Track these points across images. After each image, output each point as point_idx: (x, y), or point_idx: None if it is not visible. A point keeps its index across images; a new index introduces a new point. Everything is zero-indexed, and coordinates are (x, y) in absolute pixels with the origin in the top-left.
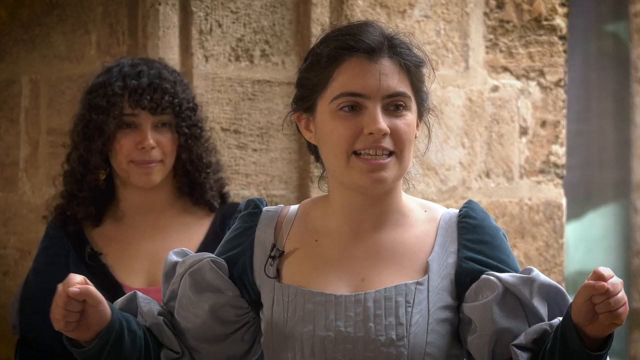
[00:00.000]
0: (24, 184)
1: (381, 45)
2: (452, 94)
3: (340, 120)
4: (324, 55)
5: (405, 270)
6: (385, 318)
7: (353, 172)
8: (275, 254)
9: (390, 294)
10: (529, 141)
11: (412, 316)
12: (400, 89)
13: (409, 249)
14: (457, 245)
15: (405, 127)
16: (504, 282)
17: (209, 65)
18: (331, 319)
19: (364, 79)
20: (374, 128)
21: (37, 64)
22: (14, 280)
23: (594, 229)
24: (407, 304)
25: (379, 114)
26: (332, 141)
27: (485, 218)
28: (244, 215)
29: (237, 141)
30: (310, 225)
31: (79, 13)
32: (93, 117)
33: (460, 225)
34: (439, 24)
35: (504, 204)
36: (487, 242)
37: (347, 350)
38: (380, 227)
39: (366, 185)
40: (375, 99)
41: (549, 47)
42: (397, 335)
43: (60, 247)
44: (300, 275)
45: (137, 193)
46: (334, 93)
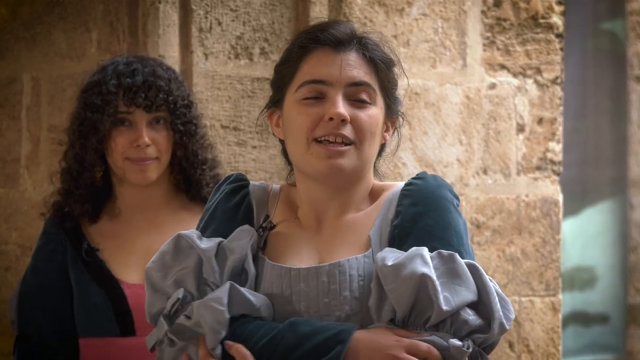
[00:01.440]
0: (25, 180)
1: (349, 40)
2: (449, 92)
3: (303, 107)
4: (294, 50)
5: (352, 246)
6: (340, 293)
7: (312, 159)
8: (267, 225)
9: (344, 267)
10: (526, 138)
11: (365, 289)
12: (364, 79)
13: (356, 225)
14: (394, 214)
15: (366, 118)
16: (376, 265)
17: (208, 63)
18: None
19: (327, 67)
20: (333, 112)
21: (39, 62)
22: (15, 276)
23: (590, 226)
24: (360, 277)
25: (339, 100)
26: (294, 129)
27: (433, 185)
28: (234, 187)
29: (237, 138)
30: (292, 205)
31: (80, 11)
32: (88, 115)
33: (401, 194)
34: (436, 22)
35: (501, 201)
36: (419, 203)
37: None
38: (343, 214)
39: (324, 172)
40: (337, 86)
41: (546, 45)
42: (352, 309)
43: (57, 244)
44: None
45: (134, 190)
46: (298, 82)
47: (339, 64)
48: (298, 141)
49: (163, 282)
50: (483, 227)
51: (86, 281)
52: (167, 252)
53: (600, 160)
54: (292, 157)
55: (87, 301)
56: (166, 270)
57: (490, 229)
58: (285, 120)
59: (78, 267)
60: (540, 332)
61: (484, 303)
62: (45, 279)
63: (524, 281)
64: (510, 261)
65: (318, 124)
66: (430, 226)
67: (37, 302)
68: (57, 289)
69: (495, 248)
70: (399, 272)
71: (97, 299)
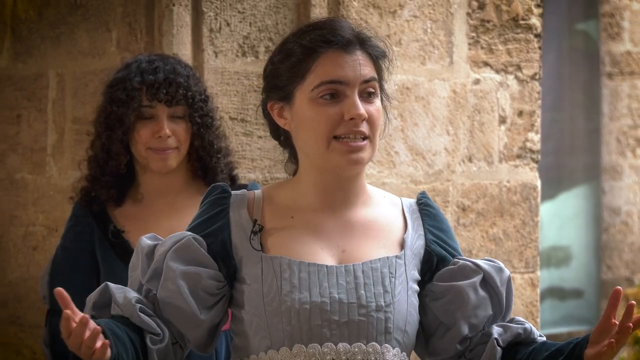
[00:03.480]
0: (51, 167)
1: (354, 39)
2: (437, 87)
3: (321, 107)
4: (299, 49)
5: (382, 245)
6: (374, 287)
7: (333, 155)
8: (257, 229)
9: (376, 265)
10: (507, 129)
11: (396, 286)
12: (372, 75)
13: (382, 225)
14: (423, 229)
15: (376, 113)
16: (483, 269)
17: (218, 61)
18: (325, 286)
19: (342, 68)
20: (355, 113)
21: (63, 59)
22: (43, 255)
23: (566, 209)
24: (391, 274)
25: (357, 100)
26: (313, 127)
27: (439, 210)
28: (214, 199)
29: (244, 129)
30: (281, 205)
31: (101, 13)
32: (114, 109)
33: (422, 212)
34: (426, 23)
35: (484, 186)
36: (445, 231)
37: (341, 314)
38: (350, 204)
39: (345, 166)
40: (353, 86)
41: (526, 44)
42: (385, 302)
43: (85, 225)
44: (285, 247)
45: (155, 177)
46: (315, 82)
47: (352, 65)
48: (317, 139)
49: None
50: (468, 210)
51: (112, 260)
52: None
53: (575, 149)
54: (307, 150)
55: (112, 278)
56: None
57: (475, 211)
58: (298, 117)
59: (104, 247)
60: (520, 306)
61: None
62: (74, 257)
63: (506, 259)
64: (493, 241)
65: (338, 123)
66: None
67: (67, 278)
68: (85, 267)
69: (479, 229)
70: (501, 274)
71: (123, 276)
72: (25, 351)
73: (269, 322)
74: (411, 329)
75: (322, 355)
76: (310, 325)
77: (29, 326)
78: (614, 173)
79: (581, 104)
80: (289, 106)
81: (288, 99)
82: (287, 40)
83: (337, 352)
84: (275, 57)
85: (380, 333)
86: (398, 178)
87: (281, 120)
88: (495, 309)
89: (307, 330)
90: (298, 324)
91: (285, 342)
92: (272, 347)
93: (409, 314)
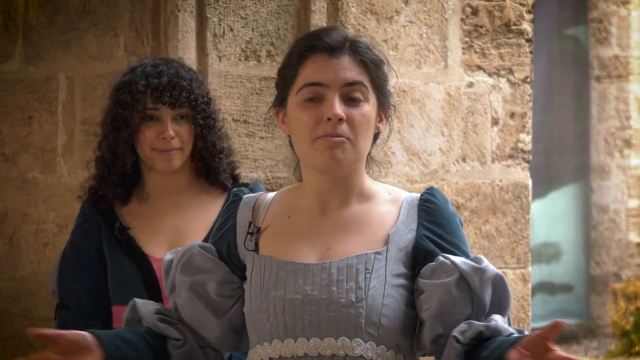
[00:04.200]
0: (61, 167)
1: (341, 45)
2: (433, 89)
3: (304, 110)
4: (292, 56)
5: (366, 241)
6: (346, 283)
7: (316, 153)
8: (252, 230)
9: (352, 262)
10: (500, 130)
11: (371, 281)
12: (356, 79)
13: (372, 222)
14: (416, 224)
15: (360, 117)
16: (459, 268)
17: (222, 64)
18: (300, 283)
19: (323, 71)
20: (331, 113)
21: (73, 63)
22: (53, 251)
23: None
24: (367, 270)
25: (335, 102)
26: (299, 129)
27: (444, 204)
28: (228, 205)
29: (247, 130)
30: (285, 206)
31: (109, 19)
32: (120, 111)
33: (420, 208)
34: (421, 28)
35: (478, 185)
36: (443, 225)
37: (313, 310)
38: (345, 204)
39: (326, 165)
40: (333, 88)
41: (517, 49)
42: (356, 297)
43: (93, 223)
44: (275, 246)
45: (160, 176)
46: (299, 86)
47: (333, 67)
48: (302, 139)
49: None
50: (462, 208)
51: (119, 256)
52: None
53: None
54: (297, 151)
55: (119, 273)
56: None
57: (469, 209)
58: (290, 119)
59: (111, 244)
60: (512, 301)
61: None
62: (82, 254)
63: (498, 255)
64: (486, 238)
65: (319, 124)
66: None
67: (76, 274)
68: (93, 263)
69: (472, 226)
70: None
71: (129, 272)
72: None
73: (255, 319)
74: (389, 322)
75: (296, 349)
76: (286, 320)
77: (40, 319)
78: (602, 173)
79: (571, 106)
80: (285, 111)
81: (284, 104)
82: (289, 49)
83: (309, 346)
84: (280, 66)
85: (350, 328)
86: (394, 177)
87: (283, 126)
88: (477, 308)
89: (283, 325)
90: (275, 320)
91: (267, 337)
92: (259, 342)
93: (384, 307)
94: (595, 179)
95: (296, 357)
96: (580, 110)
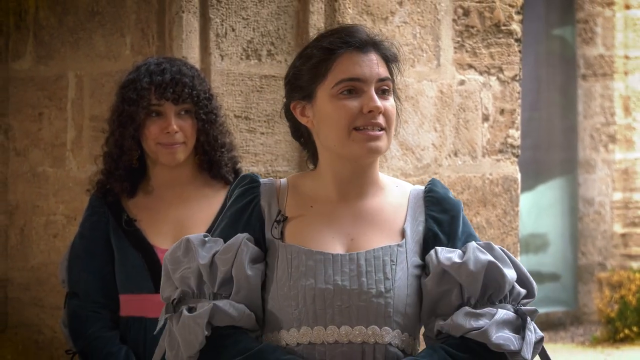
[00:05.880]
0: (70, 161)
1: (368, 41)
2: (426, 87)
3: (341, 102)
4: (318, 51)
5: (386, 234)
6: (375, 274)
7: (354, 144)
8: (280, 218)
9: (378, 254)
10: (490, 126)
11: (396, 273)
12: (387, 74)
13: (388, 215)
14: (424, 216)
15: (391, 107)
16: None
17: (224, 63)
18: (329, 273)
19: (360, 67)
20: (373, 106)
21: (81, 62)
22: (62, 242)
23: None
24: (392, 262)
25: (375, 95)
26: (334, 120)
27: (446, 192)
28: (244, 189)
29: (248, 126)
30: (303, 195)
31: (116, 20)
32: (126, 108)
33: (426, 199)
34: (415, 28)
35: (469, 178)
36: (447, 211)
37: (344, 300)
38: (363, 195)
39: (365, 154)
40: (370, 82)
41: (507, 48)
42: (385, 288)
43: (101, 215)
44: (300, 235)
45: (165, 170)
46: (335, 80)
47: (368, 63)
48: (338, 130)
49: (173, 274)
50: None
51: (126, 247)
52: (179, 249)
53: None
54: (326, 143)
55: (126, 263)
56: (176, 265)
57: None
58: (319, 112)
59: (119, 235)
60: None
61: (521, 276)
62: (91, 244)
63: None
64: (477, 229)
65: (357, 116)
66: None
67: (85, 264)
68: (101, 253)
69: None
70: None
71: (135, 262)
72: (46, 331)
73: (281, 305)
74: (412, 310)
75: (326, 336)
76: (316, 309)
77: (50, 308)
78: (587, 167)
79: (558, 104)
80: (311, 104)
81: (310, 97)
82: (306, 47)
83: (340, 334)
84: (296, 62)
85: (380, 317)
86: (389, 171)
87: (303, 118)
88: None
89: (313, 313)
90: (305, 308)
91: (294, 323)
92: (284, 328)
93: (408, 297)
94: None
95: (326, 343)
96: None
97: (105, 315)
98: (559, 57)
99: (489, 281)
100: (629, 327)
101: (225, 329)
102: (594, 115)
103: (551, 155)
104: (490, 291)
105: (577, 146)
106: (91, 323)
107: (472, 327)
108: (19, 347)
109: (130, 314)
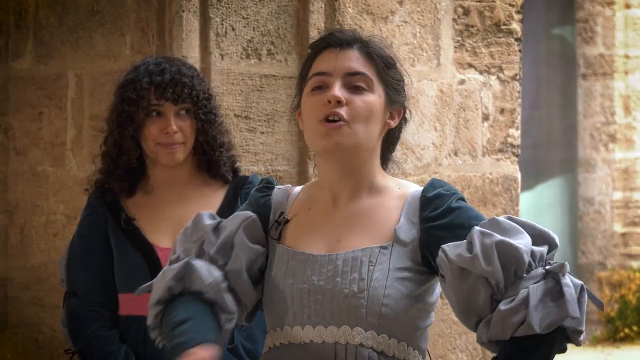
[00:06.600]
0: (70, 161)
1: (352, 41)
2: (426, 86)
3: (312, 97)
4: (309, 55)
5: (373, 235)
6: (350, 274)
7: (317, 137)
8: (281, 220)
9: (357, 254)
10: (490, 125)
11: (373, 274)
12: (360, 69)
13: (379, 217)
14: (419, 218)
15: (361, 102)
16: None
17: (224, 62)
18: (308, 274)
19: (329, 61)
20: (330, 95)
21: (81, 61)
22: (62, 241)
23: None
24: (370, 263)
25: (336, 86)
26: (306, 117)
27: (439, 190)
28: (260, 187)
29: (248, 125)
30: (306, 199)
31: (116, 19)
32: (125, 108)
33: (421, 201)
34: (415, 28)
35: (469, 178)
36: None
37: (318, 300)
38: (355, 197)
39: (325, 147)
40: (335, 76)
41: (507, 47)
42: (359, 288)
43: (100, 214)
44: (294, 237)
45: (164, 170)
46: (309, 77)
47: (340, 59)
48: (310, 125)
49: (180, 248)
50: None
51: (125, 246)
52: (189, 227)
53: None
54: (307, 142)
55: (125, 262)
56: (184, 240)
57: None
58: (302, 113)
59: (118, 234)
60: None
61: (535, 235)
62: (90, 244)
63: None
64: None
65: (322, 109)
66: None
67: (83, 263)
68: (100, 252)
69: None
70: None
71: (134, 261)
72: (46, 330)
73: (269, 306)
74: (391, 312)
75: (302, 337)
76: (294, 309)
77: (49, 307)
78: (587, 166)
79: (558, 103)
80: (301, 107)
81: (300, 101)
82: None
83: (314, 334)
84: None
85: (352, 317)
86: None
87: (300, 123)
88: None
89: (292, 313)
90: (285, 308)
91: (279, 323)
92: (272, 328)
93: (386, 298)
94: (581, 172)
95: (303, 343)
96: (567, 106)
97: (104, 314)
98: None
99: (505, 260)
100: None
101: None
102: (594, 115)
103: (551, 155)
104: (513, 268)
105: (577, 145)
106: (90, 322)
107: (515, 324)
108: (19, 346)
109: (129, 313)
